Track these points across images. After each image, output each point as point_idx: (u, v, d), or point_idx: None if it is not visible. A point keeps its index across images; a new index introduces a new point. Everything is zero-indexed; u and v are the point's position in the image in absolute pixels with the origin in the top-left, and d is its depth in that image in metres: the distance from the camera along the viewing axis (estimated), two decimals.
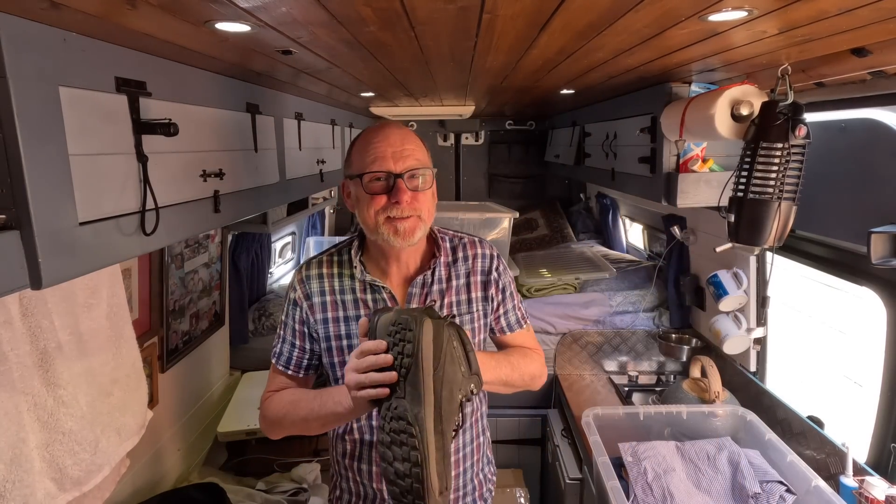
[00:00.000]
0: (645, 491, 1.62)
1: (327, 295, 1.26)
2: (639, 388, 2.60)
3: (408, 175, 1.14)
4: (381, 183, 1.14)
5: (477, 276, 1.32)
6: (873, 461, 1.60)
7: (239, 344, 2.93)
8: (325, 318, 1.25)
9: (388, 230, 1.15)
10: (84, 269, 0.84)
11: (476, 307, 1.31)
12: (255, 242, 3.05)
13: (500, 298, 1.35)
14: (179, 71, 1.13)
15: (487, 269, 1.33)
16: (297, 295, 1.28)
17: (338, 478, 1.36)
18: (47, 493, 1.29)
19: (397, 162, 1.14)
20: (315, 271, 1.28)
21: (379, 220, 1.15)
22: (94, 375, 1.48)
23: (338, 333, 1.25)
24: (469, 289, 1.31)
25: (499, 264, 1.35)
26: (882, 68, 1.18)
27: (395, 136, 1.17)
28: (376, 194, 1.14)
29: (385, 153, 1.14)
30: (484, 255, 1.33)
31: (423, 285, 1.26)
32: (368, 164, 1.15)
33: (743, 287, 2.07)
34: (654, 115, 1.77)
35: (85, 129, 0.83)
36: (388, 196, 1.14)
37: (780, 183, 1.27)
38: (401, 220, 1.14)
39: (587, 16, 0.93)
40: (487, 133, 3.98)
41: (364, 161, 1.15)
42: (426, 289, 1.26)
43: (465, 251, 1.32)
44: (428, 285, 1.27)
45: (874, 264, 1.28)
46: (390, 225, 1.15)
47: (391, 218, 1.14)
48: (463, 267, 1.31)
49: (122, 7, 0.75)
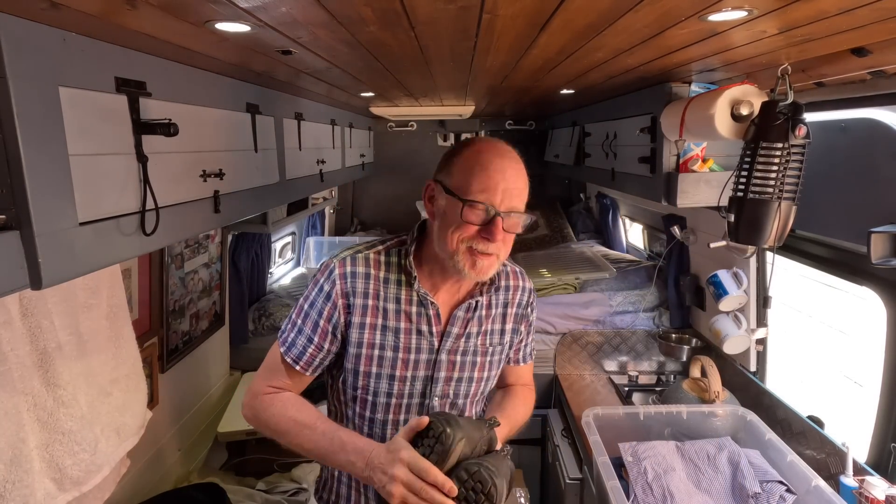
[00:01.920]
0: (645, 491, 1.62)
1: (370, 299, 1.17)
2: (639, 388, 2.60)
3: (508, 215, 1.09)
4: (480, 214, 1.07)
5: (513, 309, 1.29)
6: (873, 461, 1.60)
7: (239, 344, 2.93)
8: (362, 324, 1.17)
9: (466, 262, 1.09)
10: (84, 269, 0.84)
11: (506, 339, 1.29)
12: (255, 242, 3.05)
13: (524, 333, 1.35)
14: (179, 71, 1.13)
15: (525, 304, 1.31)
16: (336, 290, 1.16)
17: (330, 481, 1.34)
18: (47, 493, 1.29)
19: (504, 199, 1.07)
20: (362, 269, 1.18)
21: (460, 247, 1.09)
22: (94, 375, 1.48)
23: (372, 342, 1.17)
24: (504, 319, 1.28)
25: (534, 300, 1.34)
26: (882, 68, 1.18)
27: (511, 171, 1.10)
28: (470, 223, 1.07)
29: (497, 186, 1.07)
30: (524, 289, 1.31)
31: (467, 310, 1.22)
32: (476, 190, 1.06)
33: (743, 287, 2.07)
34: (654, 115, 1.76)
35: (85, 129, 0.83)
36: (479, 228, 1.07)
37: (780, 183, 1.27)
38: (483, 255, 1.09)
39: (587, 16, 0.93)
40: (487, 133, 3.98)
41: (471, 183, 1.07)
42: (469, 314, 1.22)
43: (507, 281, 1.29)
44: (472, 311, 1.23)
45: (874, 264, 1.28)
46: (470, 257, 1.09)
47: (474, 250, 1.09)
48: (503, 296, 1.28)
49: (121, 7, 0.75)
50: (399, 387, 1.18)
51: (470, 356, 1.23)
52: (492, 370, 1.28)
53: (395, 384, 1.18)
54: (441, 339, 1.20)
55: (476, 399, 1.28)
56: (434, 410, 1.21)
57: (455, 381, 1.22)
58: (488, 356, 1.26)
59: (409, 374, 1.18)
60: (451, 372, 1.21)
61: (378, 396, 1.19)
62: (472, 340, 1.23)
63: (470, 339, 1.23)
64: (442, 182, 1.12)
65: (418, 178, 1.22)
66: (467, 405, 1.26)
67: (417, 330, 1.18)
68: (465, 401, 1.25)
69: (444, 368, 1.20)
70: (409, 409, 1.20)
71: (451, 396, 1.23)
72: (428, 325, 1.18)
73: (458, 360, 1.22)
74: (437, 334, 1.19)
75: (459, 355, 1.22)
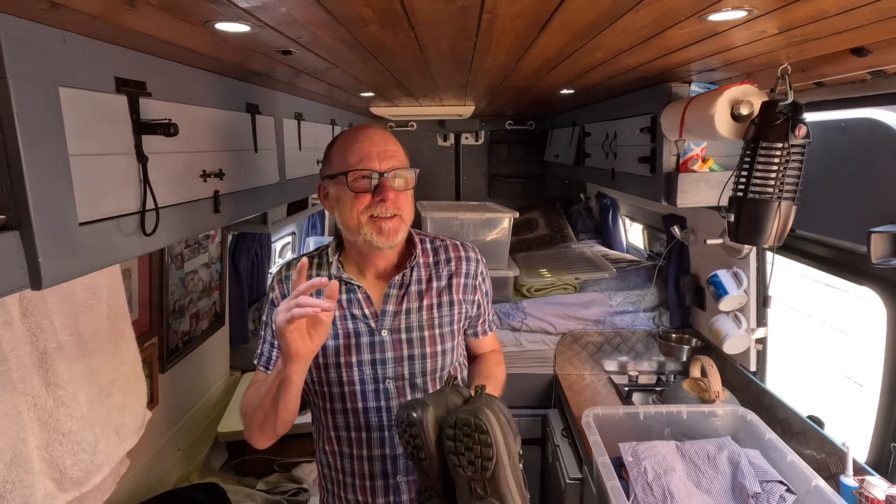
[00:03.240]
0: (645, 491, 1.62)
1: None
2: (639, 387, 2.60)
3: (392, 174, 1.15)
4: (366, 181, 1.14)
5: (461, 279, 1.31)
6: (873, 461, 1.60)
7: (239, 344, 2.93)
8: None
9: (372, 230, 1.15)
10: (84, 269, 0.84)
11: (457, 309, 1.30)
12: (255, 242, 3.05)
13: (484, 303, 1.36)
14: (179, 71, 1.13)
15: (474, 273, 1.33)
16: (276, 295, 1.28)
17: (324, 493, 1.35)
18: (47, 493, 1.29)
19: (382, 161, 1.15)
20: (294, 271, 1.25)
21: (362, 219, 1.15)
22: (94, 376, 1.47)
23: None
24: (451, 290, 1.29)
25: (484, 269, 1.36)
26: (882, 68, 1.18)
27: (378, 136, 1.18)
28: (361, 192, 1.14)
29: (370, 152, 1.15)
30: (469, 259, 1.33)
31: (400, 286, 1.25)
32: (353, 163, 1.15)
33: (743, 287, 2.07)
34: (654, 115, 1.76)
35: (85, 129, 0.83)
36: (372, 195, 1.14)
37: (780, 183, 1.27)
38: (385, 219, 1.14)
39: (587, 16, 0.93)
40: (487, 133, 3.98)
41: (347, 160, 1.15)
42: (404, 289, 1.25)
43: (447, 253, 1.32)
44: (406, 286, 1.25)
45: (874, 264, 1.28)
46: (374, 224, 1.15)
47: (375, 217, 1.14)
48: (445, 269, 1.30)
49: (121, 7, 0.75)
50: (348, 374, 1.21)
51: (416, 332, 1.24)
52: (445, 342, 1.27)
53: (342, 371, 1.21)
54: (377, 320, 1.23)
55: (437, 375, 1.28)
56: (389, 397, 1.23)
57: (408, 360, 1.23)
58: (437, 328, 1.26)
59: (353, 360, 1.21)
60: (400, 351, 1.23)
61: (332, 387, 1.22)
62: (413, 316, 1.24)
63: (411, 314, 1.24)
64: (327, 175, 1.22)
65: (418, 178, 1.23)
66: (428, 383, 1.26)
67: (351, 315, 1.22)
68: (424, 378, 1.25)
69: (389, 348, 1.22)
70: (366, 396, 1.22)
71: (408, 377, 1.24)
72: (360, 309, 1.22)
73: (403, 337, 1.23)
74: (372, 315, 1.22)
75: (404, 333, 1.23)
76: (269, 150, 1.64)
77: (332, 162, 1.21)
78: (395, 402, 1.23)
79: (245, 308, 3.00)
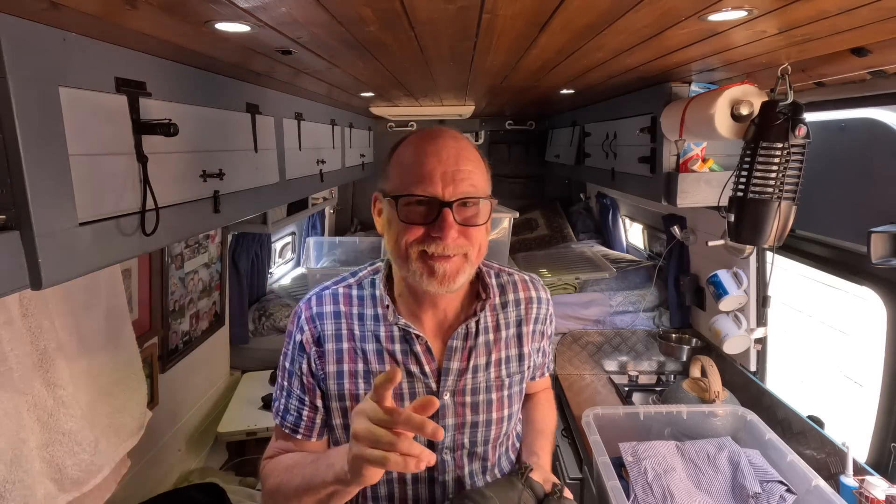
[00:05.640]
0: (645, 491, 1.62)
1: (344, 341, 0.99)
2: (639, 387, 2.60)
3: (458, 204, 0.88)
4: (423, 210, 0.88)
5: (530, 326, 1.07)
6: (873, 461, 1.60)
7: (239, 344, 2.94)
8: (338, 372, 0.99)
9: (422, 269, 0.89)
10: (84, 269, 0.84)
11: (527, 364, 1.07)
12: (255, 242, 3.05)
13: (548, 348, 1.17)
14: (179, 71, 1.13)
15: (544, 318, 1.11)
16: (305, 338, 1.00)
17: None
18: (47, 493, 1.29)
19: (448, 186, 0.88)
20: (329, 308, 1.01)
21: (411, 253, 0.89)
22: (94, 375, 1.48)
23: (354, 392, 0.98)
24: (521, 341, 1.06)
25: (552, 309, 1.14)
26: (882, 68, 1.18)
27: (449, 150, 0.90)
28: (413, 224, 0.88)
29: (433, 173, 0.88)
30: (540, 301, 1.10)
31: (465, 337, 1.00)
32: (410, 183, 0.88)
33: (743, 287, 2.07)
34: (654, 115, 1.76)
35: (85, 129, 0.83)
36: (427, 227, 0.88)
37: (780, 182, 1.26)
38: (441, 259, 0.88)
39: (587, 16, 0.93)
40: (487, 133, 3.98)
41: (405, 178, 0.89)
42: (469, 341, 1.01)
43: (516, 293, 1.08)
44: (472, 337, 1.01)
45: (874, 264, 1.28)
46: (424, 264, 0.89)
47: (428, 254, 0.89)
48: (514, 313, 1.07)
49: (121, 7, 0.75)
50: None
51: (483, 394, 1.01)
52: (513, 405, 1.06)
53: None
54: (439, 379, 0.99)
55: (499, 441, 1.07)
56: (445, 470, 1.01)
57: (470, 428, 1.01)
58: (506, 389, 1.04)
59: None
60: (462, 417, 1.00)
61: None
62: (481, 375, 1.01)
63: (478, 373, 1.01)
64: (382, 190, 0.96)
65: None
66: (489, 452, 1.05)
67: (407, 372, 0.98)
68: (485, 447, 1.04)
69: (450, 414, 0.99)
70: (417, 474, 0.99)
71: (467, 446, 1.02)
72: (418, 365, 0.98)
73: (467, 401, 1.01)
74: (433, 373, 0.99)
75: (469, 395, 1.01)
76: (269, 150, 1.64)
77: (388, 174, 0.95)
78: (450, 475, 1.02)
79: (245, 308, 3.00)
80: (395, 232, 0.91)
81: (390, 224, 0.93)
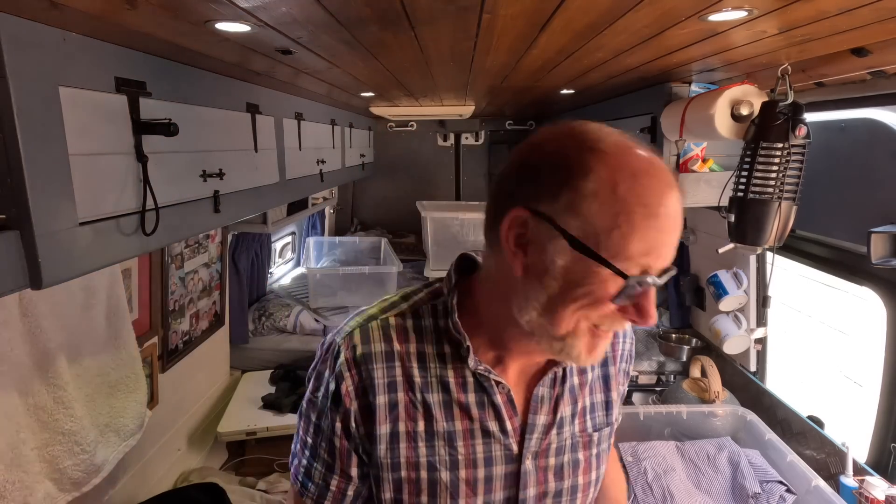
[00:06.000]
0: (645, 491, 1.62)
1: (400, 391, 0.73)
2: (639, 388, 2.59)
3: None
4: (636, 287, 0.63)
5: (617, 365, 0.87)
6: (873, 461, 1.60)
7: (239, 344, 2.94)
8: (393, 433, 0.73)
9: (584, 345, 0.67)
10: (84, 269, 0.84)
11: (614, 414, 0.87)
12: (255, 242, 3.05)
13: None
14: (179, 71, 1.13)
15: (629, 355, 0.91)
16: (346, 388, 0.73)
17: None
18: (47, 493, 1.29)
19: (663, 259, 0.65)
20: (380, 346, 0.74)
21: (580, 327, 0.66)
22: (94, 375, 1.48)
23: (413, 461, 0.74)
24: (608, 384, 0.85)
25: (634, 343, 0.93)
26: (882, 68, 1.18)
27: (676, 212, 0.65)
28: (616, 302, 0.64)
29: (660, 245, 0.63)
30: (626, 334, 0.89)
31: (553, 384, 0.78)
32: (638, 252, 0.61)
33: (743, 287, 2.07)
34: (654, 115, 1.76)
35: (85, 129, 0.83)
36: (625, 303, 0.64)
37: (780, 183, 1.26)
38: (607, 335, 0.69)
39: (587, 16, 0.93)
40: (487, 133, 3.98)
41: (630, 241, 0.61)
42: (557, 388, 0.79)
43: None
44: (559, 383, 0.79)
45: (874, 264, 1.28)
46: (591, 338, 0.67)
47: (599, 329, 0.67)
48: None
49: (121, 7, 0.75)
50: None
51: (568, 454, 0.80)
52: (601, 466, 0.85)
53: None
54: (522, 439, 0.76)
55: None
56: None
57: (553, 497, 0.79)
58: (593, 447, 0.83)
59: (479, 501, 0.75)
60: (545, 485, 0.78)
61: None
62: (566, 429, 0.80)
63: (564, 427, 0.79)
64: (551, 218, 0.63)
65: (418, 178, 1.20)
66: None
67: (483, 430, 0.75)
68: None
69: (532, 482, 0.77)
70: None
71: None
72: (498, 421, 0.75)
73: (550, 463, 0.78)
74: (515, 431, 0.76)
75: (553, 457, 0.79)
76: (269, 150, 1.64)
77: (580, 208, 0.61)
78: None
79: (245, 308, 3.00)
80: (575, 298, 0.64)
81: (567, 281, 0.64)
